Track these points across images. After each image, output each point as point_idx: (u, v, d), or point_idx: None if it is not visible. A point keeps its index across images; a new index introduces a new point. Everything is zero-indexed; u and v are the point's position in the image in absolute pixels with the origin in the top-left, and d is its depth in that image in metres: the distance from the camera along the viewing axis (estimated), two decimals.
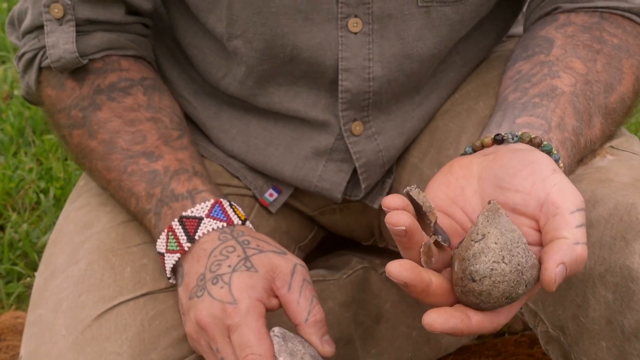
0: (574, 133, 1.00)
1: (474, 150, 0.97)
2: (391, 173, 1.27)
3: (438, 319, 0.83)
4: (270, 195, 1.27)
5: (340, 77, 1.15)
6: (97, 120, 1.15)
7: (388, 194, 1.27)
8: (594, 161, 1.06)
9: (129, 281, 1.13)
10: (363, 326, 1.33)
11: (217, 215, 1.09)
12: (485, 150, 0.96)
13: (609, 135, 1.08)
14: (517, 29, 1.34)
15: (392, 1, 1.12)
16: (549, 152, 0.94)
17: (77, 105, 1.16)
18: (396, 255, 1.39)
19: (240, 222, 1.09)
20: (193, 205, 1.09)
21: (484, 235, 0.84)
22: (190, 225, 1.08)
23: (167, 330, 1.11)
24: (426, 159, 1.23)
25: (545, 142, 0.94)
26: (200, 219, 1.08)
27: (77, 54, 1.13)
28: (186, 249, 1.08)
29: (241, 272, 1.03)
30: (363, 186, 1.23)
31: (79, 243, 1.18)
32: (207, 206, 1.09)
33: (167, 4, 1.23)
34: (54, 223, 1.85)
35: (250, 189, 1.27)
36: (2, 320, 1.66)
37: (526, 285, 0.84)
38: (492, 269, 0.83)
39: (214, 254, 1.06)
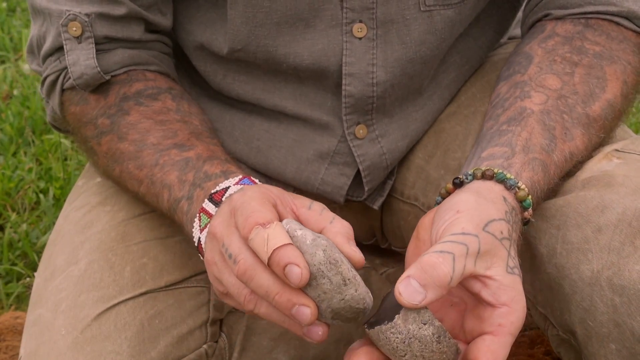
0: (543, 151, 1.02)
1: (443, 199, 1.00)
2: (392, 174, 1.27)
3: None
4: None
5: (344, 81, 1.15)
6: (126, 123, 1.13)
7: (389, 195, 1.28)
8: (599, 166, 1.06)
9: (128, 280, 1.13)
10: (363, 326, 1.33)
11: (246, 183, 1.03)
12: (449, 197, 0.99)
13: (596, 143, 1.08)
14: (517, 30, 1.34)
15: (394, 6, 1.12)
16: (502, 180, 0.97)
17: (103, 114, 1.14)
18: (397, 255, 1.39)
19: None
20: (225, 180, 1.04)
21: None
22: (218, 196, 1.02)
23: (166, 329, 1.11)
24: (432, 161, 1.23)
25: (498, 171, 0.97)
26: (228, 187, 1.03)
27: (98, 69, 1.12)
28: (213, 213, 1.01)
29: (255, 185, 1.00)
30: (366, 188, 1.23)
31: (78, 243, 1.18)
32: (236, 179, 1.03)
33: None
34: (54, 223, 1.84)
35: None
36: (2, 321, 1.66)
37: None
38: None
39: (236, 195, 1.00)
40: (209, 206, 1.02)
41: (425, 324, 0.87)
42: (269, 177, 1.26)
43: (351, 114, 1.18)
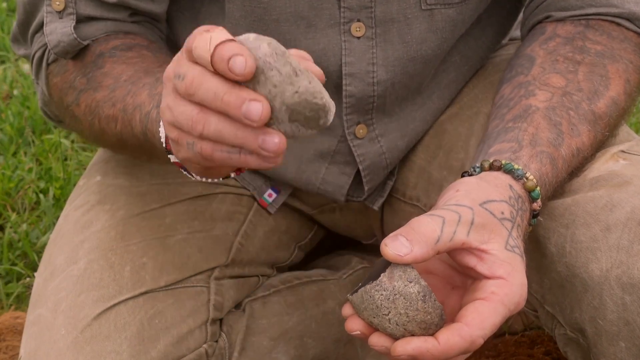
0: (550, 144, 1.01)
1: None
2: (392, 175, 1.27)
3: (399, 342, 0.86)
4: (269, 195, 1.27)
5: (344, 82, 1.15)
6: (100, 73, 1.11)
7: (390, 195, 1.27)
8: (606, 166, 1.06)
9: (128, 280, 1.13)
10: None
11: None
12: None
13: (601, 141, 1.08)
14: (519, 31, 1.34)
15: (395, 5, 1.12)
16: (509, 171, 0.96)
17: (80, 73, 1.13)
18: None
19: None
20: None
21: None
22: None
23: (166, 329, 1.11)
24: (435, 161, 1.23)
25: (505, 162, 0.97)
26: None
27: (74, 36, 1.10)
28: None
29: None
30: (366, 188, 1.23)
31: (78, 242, 1.18)
32: None
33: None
34: (54, 223, 1.84)
35: (248, 190, 1.27)
36: (2, 321, 1.65)
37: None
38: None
39: None
40: None
41: (411, 282, 0.86)
42: (269, 177, 1.26)
43: (351, 114, 1.18)
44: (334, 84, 1.16)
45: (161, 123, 0.92)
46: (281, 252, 1.31)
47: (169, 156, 0.93)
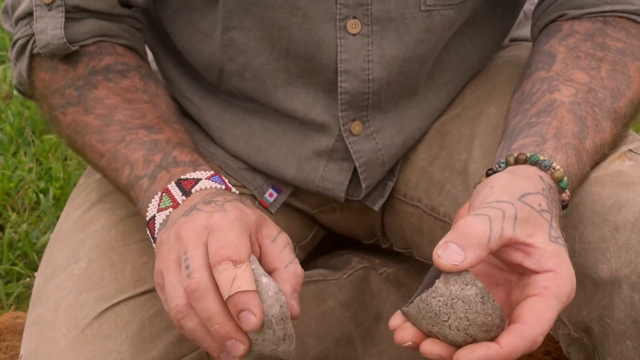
0: (575, 137, 1.01)
1: None
2: (393, 175, 1.27)
3: (462, 352, 0.84)
4: (270, 195, 1.27)
5: (339, 78, 1.15)
6: (94, 97, 1.13)
7: (391, 196, 1.27)
8: (613, 165, 1.06)
9: (129, 279, 1.13)
10: (363, 326, 1.33)
11: (217, 180, 1.05)
12: None
13: (617, 139, 1.08)
14: (520, 31, 1.34)
15: (393, 4, 1.12)
16: (536, 162, 0.95)
17: (71, 85, 1.14)
18: (397, 255, 1.39)
19: (237, 193, 1.06)
20: (195, 172, 1.06)
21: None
22: (188, 184, 1.04)
23: (167, 329, 1.10)
24: (436, 162, 1.23)
25: (530, 154, 0.96)
26: (199, 179, 1.04)
27: (64, 40, 1.12)
28: (180, 202, 1.03)
29: (236, 202, 1.00)
30: (364, 186, 1.23)
31: (78, 241, 1.18)
32: (207, 173, 1.05)
33: (157, 3, 1.23)
34: (54, 223, 1.85)
35: (249, 189, 1.27)
36: (2, 321, 1.65)
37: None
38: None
39: (211, 192, 1.02)
40: (175, 190, 1.03)
41: (467, 285, 0.84)
42: (269, 176, 1.26)
43: (346, 111, 1.18)
44: (328, 80, 1.16)
45: (154, 209, 1.03)
46: None
47: (147, 229, 1.04)
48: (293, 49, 1.14)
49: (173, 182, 1.04)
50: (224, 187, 1.05)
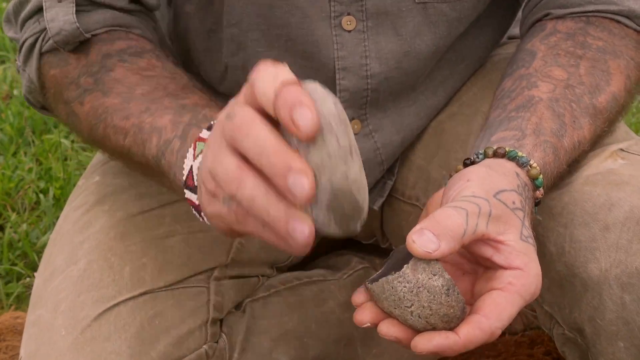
0: (554, 135, 1.01)
1: None
2: (392, 175, 1.27)
3: (420, 339, 0.85)
4: None
5: (337, 76, 1.15)
6: (111, 79, 1.07)
7: (390, 195, 1.27)
8: (604, 164, 1.06)
9: (128, 280, 1.13)
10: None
11: None
12: None
13: (600, 135, 1.08)
14: (517, 29, 1.34)
15: None
16: (514, 157, 0.96)
17: (85, 72, 1.09)
18: None
19: None
20: None
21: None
22: None
23: (166, 330, 1.10)
24: (434, 161, 1.23)
25: (509, 149, 0.96)
26: None
27: (77, 24, 1.07)
28: None
29: None
30: None
31: (77, 243, 1.18)
32: None
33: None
34: (54, 223, 1.84)
35: None
36: (2, 321, 1.66)
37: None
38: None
39: None
40: (207, 135, 0.91)
41: (435, 275, 0.85)
42: None
43: (346, 109, 1.17)
44: (327, 78, 1.16)
45: (190, 160, 0.90)
46: (281, 252, 1.31)
47: (185, 190, 0.90)
48: (292, 47, 1.14)
49: (204, 130, 0.92)
50: None
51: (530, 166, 0.96)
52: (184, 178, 0.91)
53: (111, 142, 1.05)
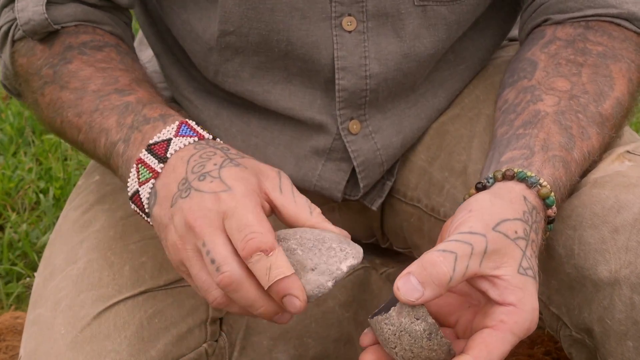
0: (563, 148, 1.01)
1: None
2: (392, 175, 1.27)
3: None
4: None
5: (337, 76, 1.15)
6: (68, 71, 1.11)
7: (391, 196, 1.27)
8: (612, 166, 1.06)
9: (127, 279, 1.13)
10: (363, 326, 1.33)
11: (186, 133, 1.01)
12: None
13: (608, 143, 1.08)
14: (516, 31, 1.34)
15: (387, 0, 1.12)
16: (523, 179, 0.96)
17: (47, 64, 1.13)
18: (397, 255, 1.39)
19: (210, 137, 1.03)
20: (165, 127, 1.01)
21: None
22: (160, 148, 1.00)
23: (166, 328, 1.10)
24: (436, 162, 1.23)
25: (518, 170, 0.97)
26: (169, 140, 1.01)
27: (46, 15, 1.11)
28: (159, 170, 0.99)
29: (230, 167, 0.95)
30: (362, 185, 1.22)
31: (77, 242, 1.18)
32: (173, 128, 1.01)
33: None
34: (54, 223, 1.85)
35: None
36: (2, 320, 1.66)
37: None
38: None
39: (193, 159, 0.98)
40: (149, 159, 0.99)
41: (418, 319, 0.87)
42: None
43: (344, 109, 1.18)
44: (326, 78, 1.16)
45: (134, 182, 1.00)
46: None
47: (131, 204, 1.01)
48: (291, 50, 1.14)
49: (144, 150, 1.00)
50: (196, 136, 1.01)
51: (540, 185, 0.96)
52: (131, 195, 1.01)
53: (67, 136, 1.12)
